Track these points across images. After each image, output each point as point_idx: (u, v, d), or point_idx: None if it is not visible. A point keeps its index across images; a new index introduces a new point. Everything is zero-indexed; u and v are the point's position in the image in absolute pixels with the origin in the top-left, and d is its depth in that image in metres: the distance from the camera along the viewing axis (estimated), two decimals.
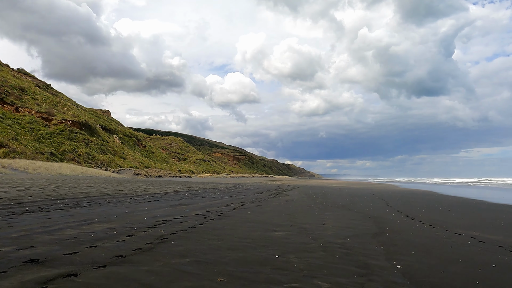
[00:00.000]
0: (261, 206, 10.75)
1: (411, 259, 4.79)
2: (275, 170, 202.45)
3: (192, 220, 6.96)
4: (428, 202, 15.83)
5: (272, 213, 9.22)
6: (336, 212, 10.26)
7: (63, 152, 58.04)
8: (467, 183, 63.08)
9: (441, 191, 30.93)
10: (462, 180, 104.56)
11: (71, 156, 58.02)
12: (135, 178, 42.54)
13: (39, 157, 50.22)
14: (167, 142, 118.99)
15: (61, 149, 58.30)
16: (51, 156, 53.34)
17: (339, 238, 6.03)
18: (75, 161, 56.88)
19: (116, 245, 4.43)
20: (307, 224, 7.47)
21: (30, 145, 53.60)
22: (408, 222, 8.61)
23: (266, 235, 5.93)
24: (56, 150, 57.25)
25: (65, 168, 31.81)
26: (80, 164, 55.64)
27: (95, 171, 38.35)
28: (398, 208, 12.29)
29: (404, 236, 6.58)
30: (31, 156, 47.94)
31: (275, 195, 17.35)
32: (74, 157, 58.54)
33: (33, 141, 56.28)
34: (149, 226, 5.95)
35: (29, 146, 53.30)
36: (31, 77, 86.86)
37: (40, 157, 50.04)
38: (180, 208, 8.90)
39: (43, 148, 54.65)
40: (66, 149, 59.06)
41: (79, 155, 60.61)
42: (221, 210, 8.99)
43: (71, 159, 57.18)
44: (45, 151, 54.04)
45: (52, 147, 57.48)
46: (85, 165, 54.72)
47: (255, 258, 4.29)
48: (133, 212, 7.65)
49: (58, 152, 56.90)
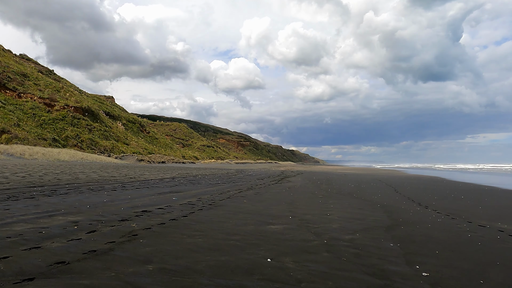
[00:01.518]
0: (260, 194, 9.83)
1: (437, 261, 3.85)
2: (279, 156, 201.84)
3: (177, 211, 6.03)
4: (439, 189, 14.88)
5: (271, 201, 8.30)
6: (341, 200, 9.37)
7: (65, 138, 57.60)
8: (473, 169, 61.67)
9: (449, 177, 29.95)
10: (464, 166, 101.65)
11: (73, 142, 57.60)
12: (137, 164, 41.88)
13: (41, 143, 49.79)
14: (171, 128, 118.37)
15: (63, 135, 57.85)
16: (54, 142, 52.90)
17: (346, 232, 5.10)
18: (78, 147, 56.46)
19: (65, 246, 3.49)
20: (309, 215, 6.57)
21: (32, 131, 53.22)
22: (423, 212, 7.72)
23: (260, 229, 5.00)
24: (59, 136, 56.83)
25: (64, 154, 31.12)
26: (82, 150, 55.19)
27: (96, 157, 37.70)
28: (409, 196, 11.44)
29: (421, 230, 5.66)
30: (33, 142, 47.55)
31: (277, 181, 16.41)
32: (77, 143, 58.11)
33: (35, 127, 55.86)
34: (122, 219, 5.03)
35: (32, 132, 52.91)
36: (34, 63, 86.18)
37: (42, 143, 49.60)
38: (169, 196, 7.99)
39: (45, 134, 54.23)
40: (69, 135, 58.61)
41: (82, 141, 60.19)
42: (214, 199, 8.07)
43: (74, 145, 56.78)
44: (48, 137, 53.63)
45: (54, 133, 57.04)
46: (87, 151, 54.25)
47: (241, 263, 3.37)
48: (112, 201, 6.74)
49: (61, 138, 56.47)
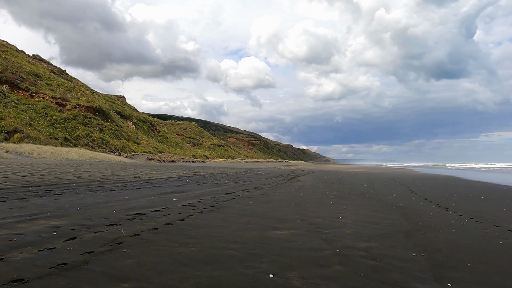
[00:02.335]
0: (267, 194, 9.27)
1: (472, 277, 3.24)
2: (290, 155, 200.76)
3: (174, 214, 5.50)
4: (456, 189, 14.07)
5: (279, 203, 7.74)
6: (354, 201, 8.74)
7: (77, 137, 58.00)
8: (485, 168, 59.77)
9: (464, 176, 28.92)
10: (475, 165, 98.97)
11: (84, 142, 57.97)
12: (146, 163, 41.79)
13: (53, 142, 50.20)
14: (181, 127, 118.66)
15: (75, 134, 58.27)
16: (65, 141, 53.31)
17: (361, 239, 4.50)
18: (89, 146, 56.82)
19: (32, 258, 2.98)
20: (319, 218, 5.98)
21: (44, 131, 53.72)
22: (443, 214, 7.06)
23: (264, 235, 4.44)
24: (70, 135, 57.27)
25: (73, 153, 31.10)
26: (94, 149, 55.50)
27: (106, 156, 37.68)
28: (425, 196, 10.71)
29: (446, 235, 5.02)
30: (45, 142, 47.94)
31: (287, 180, 15.81)
32: (88, 142, 58.48)
33: (47, 126, 56.41)
34: (111, 223, 4.53)
35: (43, 131, 53.41)
36: (47, 63, 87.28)
37: (54, 142, 49.99)
38: (169, 197, 7.48)
39: (57, 134, 54.70)
40: (80, 134, 59.03)
41: (93, 140, 60.55)
42: (217, 199, 7.53)
43: (85, 144, 57.13)
44: (59, 136, 54.08)
45: (66, 132, 57.51)
46: (98, 150, 54.50)
47: (237, 280, 2.81)
48: (106, 203, 6.26)
49: (72, 138, 56.88)
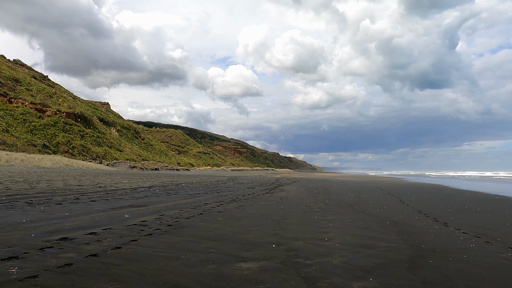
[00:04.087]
0: (243, 208, 8.09)
1: None
2: (276, 163, 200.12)
3: (112, 238, 4.25)
4: (447, 199, 13.23)
5: (254, 219, 6.61)
6: (342, 215, 7.66)
7: (56, 144, 55.84)
8: (463, 177, 59.91)
9: (450, 184, 28.34)
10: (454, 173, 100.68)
11: (64, 149, 55.87)
12: (128, 171, 40.09)
13: (30, 149, 48.07)
14: (167, 134, 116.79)
15: (54, 141, 56.10)
16: (44, 148, 51.20)
17: (354, 275, 3.37)
18: (69, 154, 54.72)
19: None
20: (300, 241, 4.87)
21: (22, 137, 51.53)
22: (445, 232, 6.03)
23: (222, 272, 3.25)
24: (50, 142, 55.11)
25: (47, 161, 29.31)
26: (74, 156, 53.43)
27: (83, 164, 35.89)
28: (418, 208, 9.80)
29: (458, 264, 3.97)
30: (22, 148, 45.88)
31: (269, 190, 14.63)
32: (68, 150, 56.36)
33: (25, 132, 54.19)
34: (12, 256, 3.26)
35: (21, 138, 51.21)
36: (28, 68, 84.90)
37: (32, 149, 47.87)
38: (122, 213, 6.21)
39: (35, 140, 52.54)
40: (60, 141, 56.87)
41: (73, 148, 58.41)
42: (180, 216, 6.29)
43: (65, 151, 55.03)
44: (38, 143, 51.93)
45: (45, 139, 55.34)
46: (79, 158, 52.46)
47: None
48: (33, 222, 4.94)
49: (52, 144, 54.72)
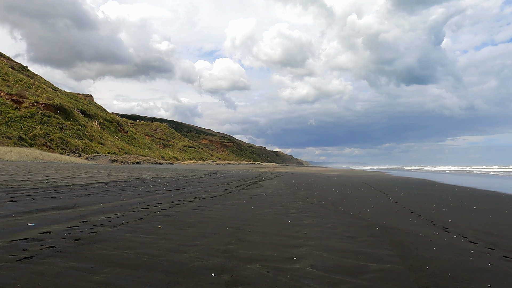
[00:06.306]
0: (202, 209, 7.01)
1: None
2: (263, 157, 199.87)
3: None
4: (437, 195, 12.77)
5: (207, 226, 5.36)
6: (322, 218, 6.54)
7: (33, 136, 53.75)
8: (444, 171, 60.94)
9: (437, 179, 28.31)
10: (432, 168, 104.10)
11: (42, 141, 53.90)
12: (107, 165, 38.81)
13: (5, 142, 46.15)
14: (152, 128, 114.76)
15: (31, 134, 53.97)
16: (19, 140, 49.23)
17: None
18: (47, 147, 52.82)
19: None
20: (257, 263, 3.57)
21: None
22: (449, 242, 4.94)
23: None
24: (26, 134, 52.99)
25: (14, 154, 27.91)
26: (52, 149, 51.60)
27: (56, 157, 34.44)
28: (410, 207, 8.81)
29: None
30: None
31: (246, 186, 13.99)
32: (46, 142, 54.35)
33: (0, 124, 51.88)
34: None
35: None
36: (6, 58, 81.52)
37: (6, 142, 45.97)
38: (28, 219, 4.96)
39: (10, 133, 50.44)
40: (37, 134, 54.74)
41: (52, 140, 56.36)
42: (106, 224, 5.13)
43: (42, 144, 53.08)
44: (13, 135, 49.88)
45: (21, 131, 53.15)
46: (57, 151, 50.68)
47: None
48: None
49: (28, 137, 52.63)
